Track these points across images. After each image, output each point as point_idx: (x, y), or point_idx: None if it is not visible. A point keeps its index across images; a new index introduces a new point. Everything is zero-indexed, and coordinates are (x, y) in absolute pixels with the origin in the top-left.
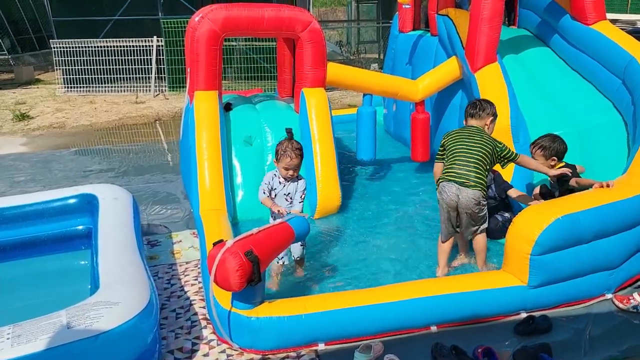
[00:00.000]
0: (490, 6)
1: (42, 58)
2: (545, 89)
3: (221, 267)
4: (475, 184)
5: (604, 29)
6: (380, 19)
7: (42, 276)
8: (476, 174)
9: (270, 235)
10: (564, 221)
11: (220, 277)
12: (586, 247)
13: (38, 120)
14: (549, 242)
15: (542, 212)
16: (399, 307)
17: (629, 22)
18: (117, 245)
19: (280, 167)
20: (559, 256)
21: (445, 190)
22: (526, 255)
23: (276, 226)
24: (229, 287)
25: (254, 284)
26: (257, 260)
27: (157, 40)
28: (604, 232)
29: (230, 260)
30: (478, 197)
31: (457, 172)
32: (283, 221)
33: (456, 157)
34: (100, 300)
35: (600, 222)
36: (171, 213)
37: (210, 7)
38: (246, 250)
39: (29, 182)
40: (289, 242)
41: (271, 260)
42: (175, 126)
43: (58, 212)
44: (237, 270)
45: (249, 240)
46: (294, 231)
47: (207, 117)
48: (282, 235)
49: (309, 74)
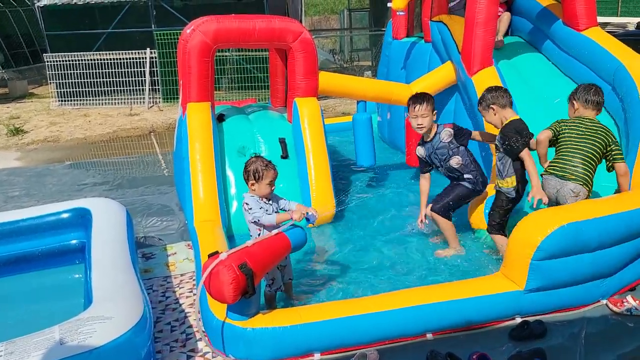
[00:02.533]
0: (485, 10)
1: (36, 72)
2: (538, 93)
3: (215, 280)
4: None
5: (595, 35)
6: (372, 26)
7: (36, 292)
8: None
9: (266, 247)
10: (568, 229)
11: (214, 289)
12: (588, 255)
13: (32, 134)
14: (551, 248)
15: (547, 218)
16: (394, 316)
17: (620, 25)
18: (110, 259)
19: (263, 185)
20: (559, 263)
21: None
22: (527, 259)
23: (272, 237)
24: (223, 300)
25: (248, 296)
26: (252, 273)
27: (151, 52)
28: (606, 242)
29: (224, 273)
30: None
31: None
32: (280, 232)
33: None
34: (93, 315)
35: (604, 232)
36: (166, 225)
37: (202, 20)
38: (240, 263)
39: (23, 196)
40: (286, 253)
41: (267, 271)
42: (170, 137)
43: (51, 227)
44: (230, 283)
45: (243, 253)
46: (290, 242)
47: (200, 129)
48: (278, 246)
49: (301, 83)
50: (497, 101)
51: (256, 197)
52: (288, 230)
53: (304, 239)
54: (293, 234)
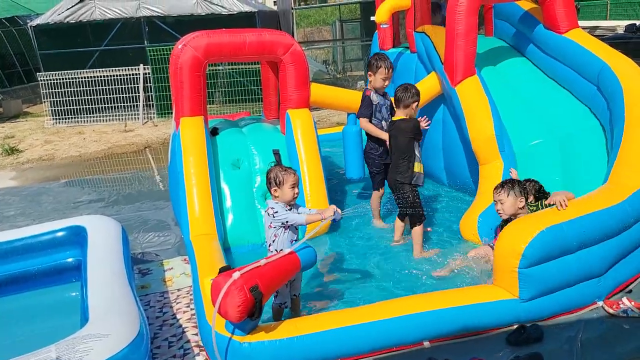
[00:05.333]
0: (464, 21)
1: (30, 91)
2: (523, 97)
3: (226, 299)
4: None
5: (577, 37)
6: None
7: (32, 311)
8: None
9: (278, 267)
10: (549, 232)
11: (225, 307)
12: (572, 256)
13: (27, 153)
14: (535, 254)
15: (526, 225)
16: (391, 324)
17: (609, 28)
18: (106, 276)
19: (285, 188)
20: (546, 267)
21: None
22: (514, 269)
23: (285, 257)
24: (227, 318)
25: (253, 318)
26: (261, 296)
27: (144, 68)
28: (588, 241)
29: (234, 294)
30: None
31: None
32: (292, 251)
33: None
34: (89, 333)
35: (584, 231)
36: (162, 240)
37: (193, 35)
38: (252, 286)
39: (18, 216)
40: (294, 273)
41: (273, 292)
42: (165, 152)
43: (47, 246)
44: (239, 306)
45: (255, 274)
46: (300, 263)
47: (194, 143)
48: (288, 267)
49: (293, 95)
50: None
51: (281, 204)
52: (300, 249)
53: (313, 259)
54: (304, 254)
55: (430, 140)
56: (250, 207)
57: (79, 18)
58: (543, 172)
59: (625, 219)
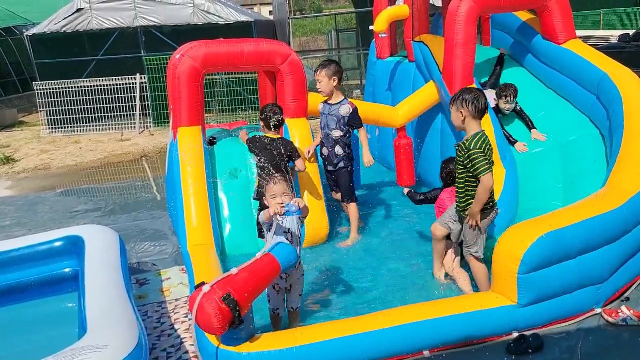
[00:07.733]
0: (463, 31)
1: (26, 100)
2: (523, 106)
3: (200, 313)
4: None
5: (576, 48)
6: (360, 46)
7: (30, 322)
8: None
9: (253, 272)
10: (548, 238)
11: (202, 321)
12: (573, 262)
13: (23, 162)
14: (535, 260)
15: (526, 230)
16: (391, 334)
17: (603, 38)
18: (104, 286)
19: (269, 199)
20: (546, 273)
21: None
22: (513, 274)
23: (259, 261)
24: (212, 332)
25: (235, 326)
26: (236, 303)
27: (141, 78)
28: (589, 246)
29: (207, 306)
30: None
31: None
32: (267, 253)
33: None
34: (88, 344)
35: (585, 236)
36: (160, 250)
37: (191, 45)
38: (223, 295)
39: (14, 226)
40: (276, 275)
41: (256, 297)
42: (162, 162)
43: (44, 256)
44: (215, 316)
45: (226, 283)
46: (279, 264)
47: (191, 153)
48: (266, 270)
49: (290, 105)
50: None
51: (264, 213)
52: (274, 249)
53: (294, 257)
54: (281, 254)
55: (429, 149)
56: (248, 216)
57: (76, 28)
58: (544, 179)
59: (624, 224)
